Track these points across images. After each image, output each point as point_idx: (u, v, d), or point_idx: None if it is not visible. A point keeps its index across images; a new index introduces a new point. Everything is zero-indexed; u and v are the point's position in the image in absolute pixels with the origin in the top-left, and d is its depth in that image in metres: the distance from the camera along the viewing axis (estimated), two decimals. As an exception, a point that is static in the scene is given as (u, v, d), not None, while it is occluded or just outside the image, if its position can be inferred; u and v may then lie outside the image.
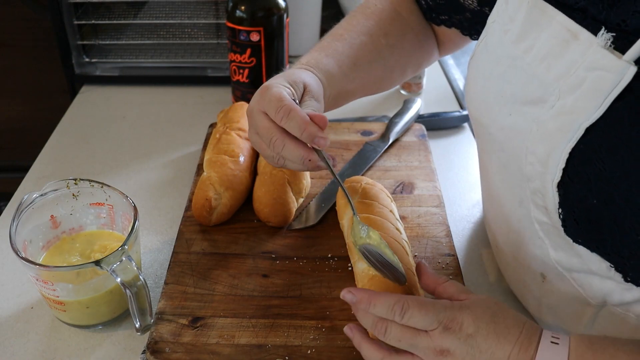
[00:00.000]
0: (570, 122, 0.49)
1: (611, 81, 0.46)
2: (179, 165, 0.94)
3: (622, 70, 0.45)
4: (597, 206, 0.49)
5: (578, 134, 0.49)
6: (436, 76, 1.22)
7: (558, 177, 0.51)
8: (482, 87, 0.62)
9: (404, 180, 0.85)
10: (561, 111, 0.50)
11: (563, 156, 0.50)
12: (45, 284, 0.61)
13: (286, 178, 0.78)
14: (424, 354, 0.52)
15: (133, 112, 1.08)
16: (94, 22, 1.15)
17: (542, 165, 0.52)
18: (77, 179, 0.69)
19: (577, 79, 0.49)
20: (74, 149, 0.98)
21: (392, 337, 0.53)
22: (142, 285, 0.60)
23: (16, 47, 1.53)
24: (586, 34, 0.49)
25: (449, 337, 0.51)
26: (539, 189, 0.54)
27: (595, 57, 0.47)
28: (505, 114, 0.57)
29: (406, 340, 0.52)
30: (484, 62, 0.62)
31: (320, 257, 0.73)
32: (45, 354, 0.64)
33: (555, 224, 0.54)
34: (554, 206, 0.52)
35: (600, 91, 0.47)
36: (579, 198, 0.50)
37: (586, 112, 0.48)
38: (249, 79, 0.99)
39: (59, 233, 0.71)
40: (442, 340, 0.51)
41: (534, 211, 0.56)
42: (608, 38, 0.47)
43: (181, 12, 1.18)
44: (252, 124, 0.64)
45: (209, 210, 0.75)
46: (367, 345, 0.56)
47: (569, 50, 0.50)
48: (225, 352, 0.61)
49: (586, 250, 0.52)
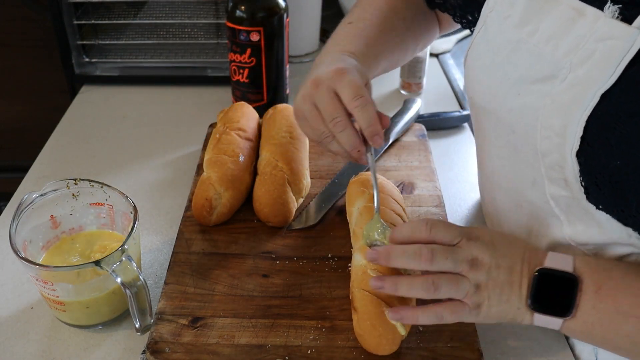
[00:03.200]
0: (585, 91, 0.51)
1: (622, 48, 0.48)
2: (179, 165, 0.94)
3: (632, 36, 0.48)
4: (620, 168, 0.50)
5: (594, 102, 0.51)
6: (436, 76, 1.22)
7: (576, 146, 0.52)
8: (485, 74, 0.63)
9: (404, 180, 0.85)
10: (574, 82, 0.52)
11: (580, 125, 0.52)
12: (45, 284, 0.61)
13: (286, 178, 0.78)
14: (462, 268, 0.55)
15: (133, 112, 1.08)
16: (94, 22, 1.15)
17: (559, 136, 0.54)
18: (77, 179, 0.69)
19: (587, 51, 0.51)
20: (74, 149, 0.98)
21: (439, 257, 0.55)
22: (142, 285, 0.60)
23: (16, 47, 1.53)
24: (592, 10, 0.51)
25: (474, 244, 0.56)
26: (557, 162, 0.55)
27: (604, 28, 0.50)
28: (514, 94, 0.59)
29: (451, 255, 0.55)
30: (484, 50, 0.64)
31: (320, 257, 0.73)
32: (45, 354, 0.64)
33: (576, 194, 0.55)
34: (575, 176, 0.54)
35: (612, 58, 0.49)
36: (601, 163, 0.51)
37: (600, 80, 0.50)
38: (249, 79, 0.99)
39: (59, 233, 0.71)
40: (470, 249, 0.56)
41: (550, 187, 0.58)
42: (615, 10, 0.50)
43: (181, 12, 1.18)
44: (314, 96, 0.64)
45: (209, 210, 0.75)
46: (408, 280, 0.56)
47: (575, 26, 0.53)
48: (225, 352, 0.61)
49: (607, 217, 0.54)
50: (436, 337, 0.62)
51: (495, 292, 0.55)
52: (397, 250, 0.56)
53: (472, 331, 0.63)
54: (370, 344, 0.60)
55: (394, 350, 0.60)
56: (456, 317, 0.56)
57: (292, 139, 0.83)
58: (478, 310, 0.56)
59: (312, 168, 0.87)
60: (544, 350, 0.65)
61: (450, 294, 0.55)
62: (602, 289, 0.54)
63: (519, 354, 0.65)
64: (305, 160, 0.83)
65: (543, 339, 0.66)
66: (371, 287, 0.58)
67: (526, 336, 0.67)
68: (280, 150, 0.80)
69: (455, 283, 0.55)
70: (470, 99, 0.69)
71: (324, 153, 0.90)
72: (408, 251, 0.55)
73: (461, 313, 0.56)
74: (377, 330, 0.59)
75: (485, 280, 0.55)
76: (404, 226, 0.58)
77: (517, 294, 0.56)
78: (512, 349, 0.65)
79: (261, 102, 1.02)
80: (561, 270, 0.55)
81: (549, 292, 0.55)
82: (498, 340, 0.66)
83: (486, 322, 0.58)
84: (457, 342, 0.62)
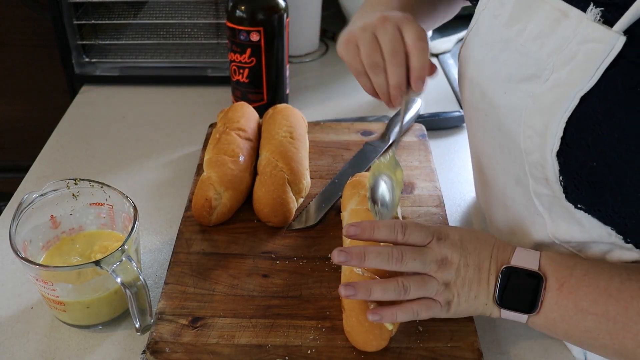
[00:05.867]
0: (566, 92, 0.52)
1: (603, 51, 0.49)
2: (179, 165, 0.94)
3: (612, 40, 0.48)
4: (597, 168, 0.51)
5: (574, 103, 0.51)
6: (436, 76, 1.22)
7: (557, 146, 0.53)
8: (476, 71, 0.65)
9: (404, 181, 0.85)
10: (556, 83, 0.53)
11: (560, 126, 0.53)
12: (45, 284, 0.61)
13: (286, 178, 0.78)
14: (429, 268, 0.58)
15: (133, 112, 1.08)
16: (94, 22, 1.15)
17: (540, 136, 0.55)
18: (77, 179, 0.69)
19: (570, 52, 0.52)
20: (74, 149, 0.98)
21: (408, 258, 0.58)
22: (142, 285, 0.60)
23: (16, 47, 1.53)
24: (576, 12, 0.52)
25: (443, 244, 0.59)
26: (538, 161, 0.56)
27: (587, 31, 0.51)
28: (501, 93, 0.60)
29: (419, 256, 0.58)
30: (476, 48, 0.65)
31: (320, 257, 0.73)
32: (45, 354, 0.64)
33: (557, 193, 0.56)
34: (555, 175, 0.55)
35: (593, 61, 0.50)
36: (579, 163, 0.52)
37: (580, 82, 0.51)
38: (249, 79, 0.99)
39: (59, 233, 0.71)
40: (440, 249, 0.58)
41: (533, 185, 0.59)
42: (597, 12, 0.50)
43: (181, 12, 1.18)
44: (378, 28, 0.65)
45: (209, 210, 0.75)
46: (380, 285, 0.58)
47: (560, 27, 0.53)
48: (225, 352, 0.61)
49: (587, 216, 0.55)
50: (436, 337, 0.62)
51: (464, 289, 0.59)
52: (371, 252, 0.58)
53: (472, 331, 0.63)
54: (357, 341, 0.60)
55: (383, 346, 0.60)
56: (430, 313, 0.59)
57: (292, 139, 0.83)
58: (448, 307, 0.59)
59: (312, 168, 0.87)
60: (544, 350, 0.66)
61: (420, 293, 0.58)
62: (564, 287, 0.55)
63: (519, 354, 0.65)
64: (305, 160, 0.83)
65: (543, 339, 0.66)
66: (342, 296, 0.59)
67: (526, 336, 0.67)
68: (280, 150, 0.80)
69: (423, 284, 0.58)
70: (461, 95, 0.71)
71: (324, 153, 0.91)
72: (382, 253, 0.58)
73: (434, 309, 0.59)
74: (363, 326, 0.59)
75: (454, 278, 0.58)
76: (381, 226, 0.60)
77: (485, 290, 0.59)
78: (512, 349, 0.65)
79: (261, 102, 1.02)
80: (526, 269, 0.57)
81: (514, 289, 0.58)
82: (498, 340, 0.66)
83: (456, 317, 0.61)
84: (457, 342, 0.62)
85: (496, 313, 0.59)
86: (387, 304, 0.59)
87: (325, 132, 0.95)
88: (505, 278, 0.58)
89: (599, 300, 0.54)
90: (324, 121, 0.99)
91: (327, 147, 0.92)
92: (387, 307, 0.59)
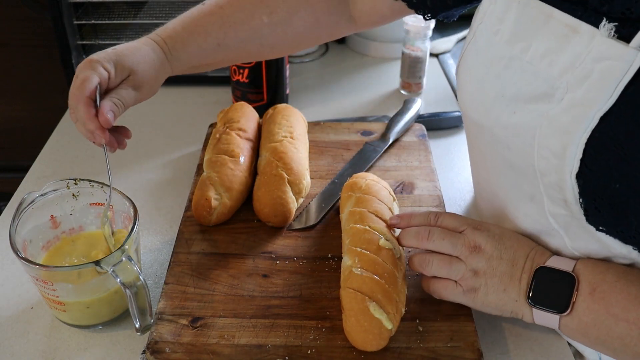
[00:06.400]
0: (583, 113, 0.50)
1: (620, 69, 0.47)
2: (179, 165, 0.94)
3: (630, 57, 0.46)
4: (619, 190, 0.50)
5: (593, 124, 0.49)
6: (436, 76, 1.22)
7: (576, 168, 0.51)
8: (478, 89, 0.62)
9: (404, 180, 0.85)
10: (572, 103, 0.51)
11: (580, 147, 0.51)
12: (45, 284, 0.61)
13: (286, 178, 0.78)
14: (459, 251, 0.60)
15: (133, 112, 1.08)
16: (94, 22, 1.15)
17: (558, 158, 0.53)
18: (77, 179, 0.69)
19: (584, 70, 0.50)
20: (74, 149, 0.98)
21: (435, 237, 0.61)
22: (142, 285, 0.60)
23: (16, 47, 1.53)
24: (586, 27, 0.50)
25: (479, 233, 0.61)
26: (556, 182, 0.54)
27: (601, 47, 0.48)
28: (509, 112, 0.57)
29: (448, 237, 0.61)
30: (475, 65, 0.63)
31: (320, 257, 0.73)
32: (45, 354, 0.64)
33: (576, 215, 0.54)
34: (574, 197, 0.53)
35: (611, 80, 0.48)
36: (600, 185, 0.51)
37: (598, 102, 0.49)
38: (249, 79, 0.99)
39: (59, 233, 0.71)
40: (474, 236, 0.60)
41: (549, 205, 0.57)
42: (611, 28, 0.48)
43: (181, 12, 1.17)
44: None
45: (209, 210, 0.75)
46: (412, 229, 0.64)
47: (570, 44, 0.51)
48: (225, 352, 0.61)
49: (607, 236, 0.54)
50: (436, 337, 0.62)
51: (494, 280, 0.59)
52: (410, 232, 0.64)
53: (472, 331, 0.63)
54: (357, 340, 0.60)
55: (382, 346, 0.60)
56: (448, 294, 0.62)
57: (292, 139, 0.83)
58: (474, 295, 0.60)
59: (312, 168, 0.87)
60: (544, 350, 0.65)
61: (443, 272, 0.61)
62: (596, 291, 0.55)
63: (519, 354, 0.65)
64: (305, 160, 0.83)
65: (543, 339, 0.66)
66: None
67: (526, 336, 0.67)
68: (280, 150, 0.80)
69: (448, 263, 0.60)
70: (463, 112, 0.68)
71: (323, 153, 0.91)
72: (412, 230, 0.63)
73: (453, 292, 0.61)
74: (362, 325, 0.59)
75: (484, 267, 0.59)
76: (417, 214, 0.66)
77: (516, 287, 0.59)
78: (512, 349, 0.65)
79: (261, 102, 1.02)
80: (560, 270, 0.57)
81: (547, 288, 0.57)
82: (498, 340, 0.66)
83: (483, 309, 0.61)
84: (457, 342, 0.62)
85: (528, 314, 0.59)
86: None
87: (325, 132, 0.95)
88: (538, 277, 0.58)
89: (630, 307, 0.53)
90: (324, 121, 0.99)
91: (327, 147, 0.92)
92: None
